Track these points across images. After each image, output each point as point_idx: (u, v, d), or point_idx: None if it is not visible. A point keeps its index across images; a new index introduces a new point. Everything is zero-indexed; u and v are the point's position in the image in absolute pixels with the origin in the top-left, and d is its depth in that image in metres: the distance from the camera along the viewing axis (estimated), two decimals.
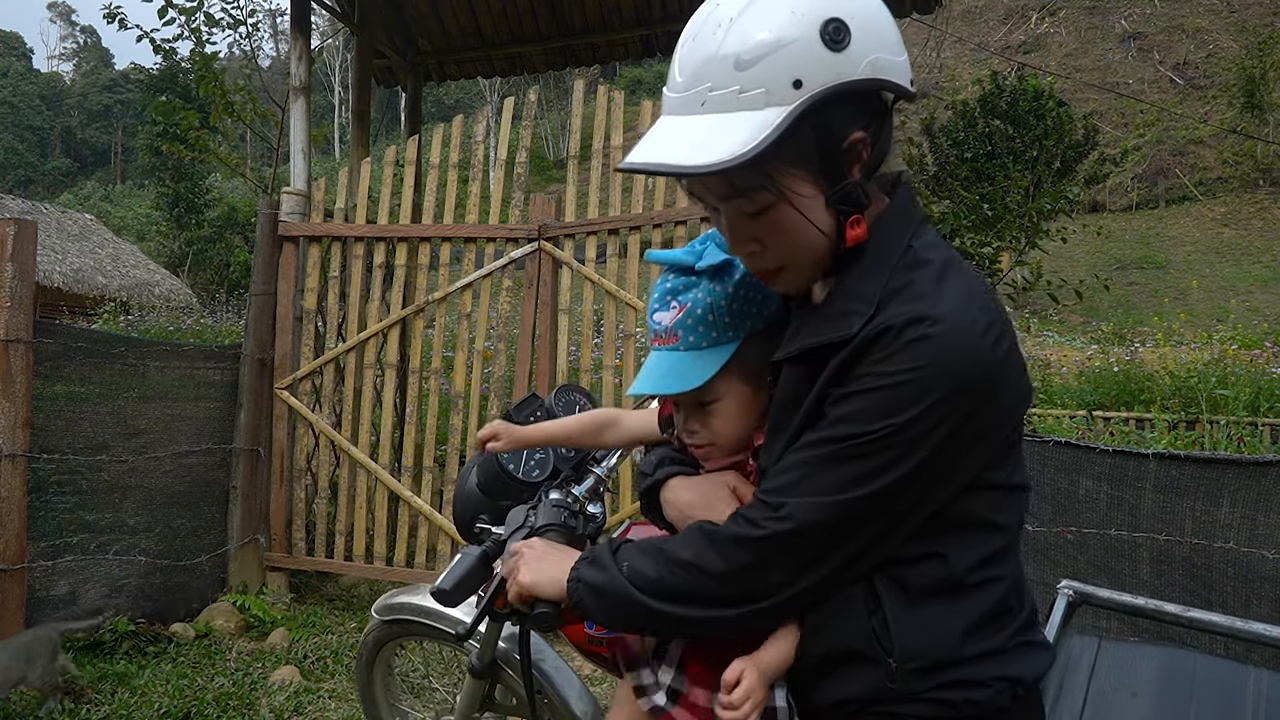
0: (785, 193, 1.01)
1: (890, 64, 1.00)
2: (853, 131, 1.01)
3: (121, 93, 68.10)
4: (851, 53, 0.97)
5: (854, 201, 1.03)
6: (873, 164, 1.05)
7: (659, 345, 1.17)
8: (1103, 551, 2.86)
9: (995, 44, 38.32)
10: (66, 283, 18.08)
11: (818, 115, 0.98)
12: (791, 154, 0.99)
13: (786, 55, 0.96)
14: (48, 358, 3.58)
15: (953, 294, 1.00)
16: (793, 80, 0.96)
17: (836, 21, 0.96)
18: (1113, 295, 18.97)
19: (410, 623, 1.93)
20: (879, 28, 1.00)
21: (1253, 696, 1.17)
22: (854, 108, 1.00)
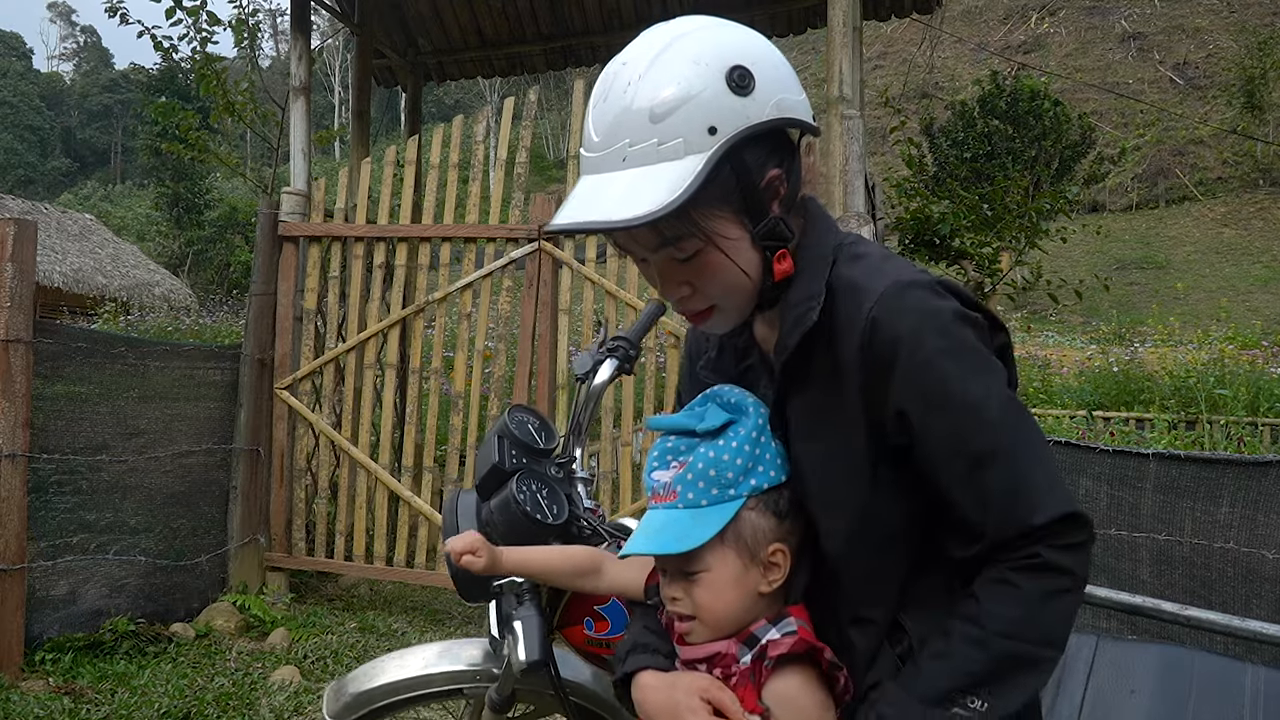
0: (713, 237, 1.04)
1: (793, 103, 1.06)
2: (769, 170, 1.06)
3: (121, 93, 68.08)
4: (758, 96, 1.02)
5: (778, 236, 1.08)
6: (790, 198, 1.09)
7: (657, 503, 1.12)
8: (1103, 551, 2.86)
9: (995, 44, 38.32)
10: (66, 283, 18.08)
11: (735, 158, 1.02)
12: (715, 197, 1.03)
13: (698, 105, 1.00)
14: (48, 358, 3.58)
15: (909, 266, 1.07)
16: (708, 127, 1.00)
17: (741, 69, 1.01)
18: (1113, 295, 18.97)
19: (386, 707, 1.73)
20: (778, 71, 1.06)
21: (1250, 693, 1.17)
22: (767, 148, 1.05)
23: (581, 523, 1.49)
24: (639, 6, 6.02)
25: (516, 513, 1.39)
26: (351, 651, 3.87)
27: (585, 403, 1.62)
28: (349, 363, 4.54)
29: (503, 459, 1.46)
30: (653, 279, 1.12)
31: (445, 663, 1.65)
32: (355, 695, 1.70)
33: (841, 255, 1.10)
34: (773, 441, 1.11)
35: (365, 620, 4.28)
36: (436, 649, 1.68)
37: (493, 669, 1.62)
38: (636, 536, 1.11)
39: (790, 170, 1.08)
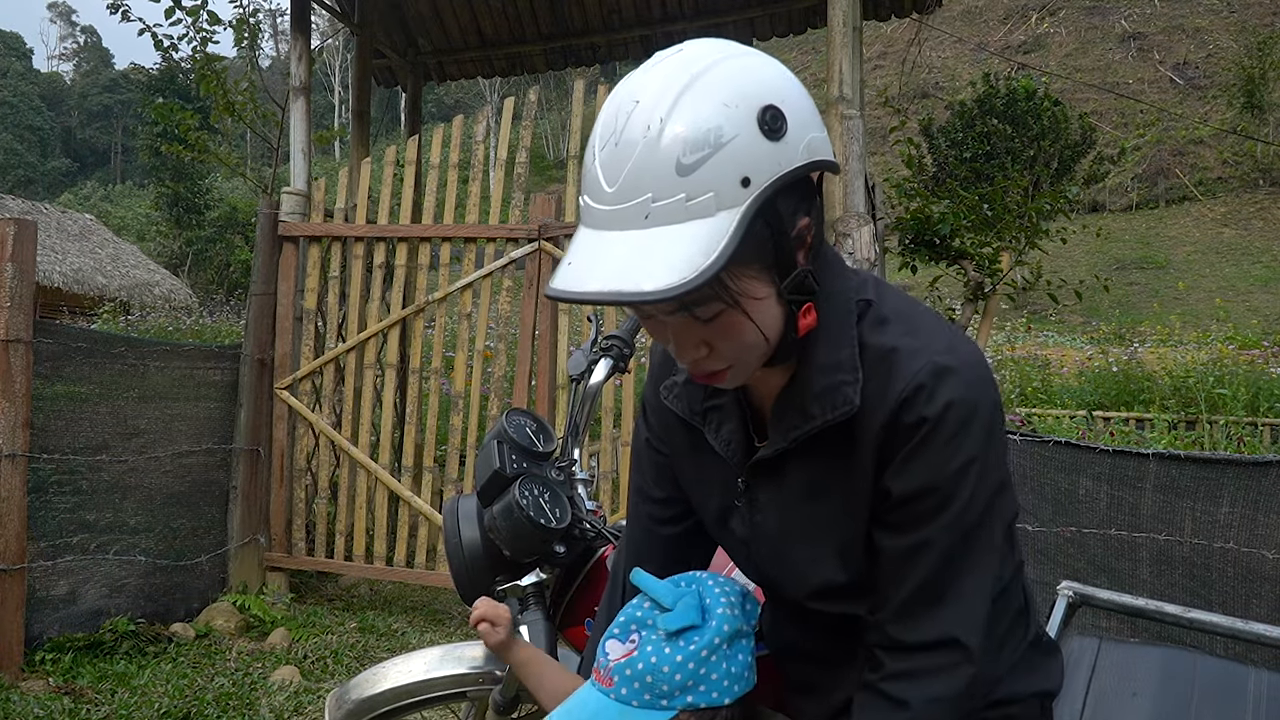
0: (739, 299, 0.94)
1: (821, 142, 0.96)
2: (800, 219, 0.96)
3: (121, 93, 68.08)
4: (790, 139, 0.91)
5: (806, 290, 0.98)
6: (816, 246, 1.00)
7: (595, 680, 1.10)
8: (1103, 551, 2.86)
9: (995, 44, 38.32)
10: (66, 283, 18.08)
11: (769, 211, 0.92)
12: (745, 255, 0.91)
13: (730, 154, 0.88)
14: (48, 358, 3.58)
15: (941, 332, 1.02)
16: (741, 179, 0.89)
17: (773, 109, 0.90)
18: (1112, 295, 18.98)
19: (390, 712, 1.74)
20: (806, 107, 0.95)
21: (1253, 697, 1.17)
22: (798, 195, 0.95)
23: (584, 525, 1.49)
24: (639, 6, 6.02)
25: (520, 518, 1.39)
26: (351, 651, 3.87)
27: (582, 403, 1.62)
28: (349, 363, 4.54)
29: (503, 464, 1.46)
30: (664, 338, 1.00)
31: (448, 666, 1.65)
32: (358, 701, 1.70)
33: (867, 315, 1.03)
34: (728, 659, 1.07)
35: (365, 620, 4.28)
36: (439, 652, 1.68)
37: (495, 670, 1.62)
38: (559, 713, 1.09)
39: (818, 216, 1.00)
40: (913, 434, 0.97)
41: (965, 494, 0.97)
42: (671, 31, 6.06)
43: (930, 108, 23.19)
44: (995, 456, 1.00)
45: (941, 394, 0.96)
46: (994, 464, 1.00)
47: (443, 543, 1.57)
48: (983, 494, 0.98)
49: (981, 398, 0.98)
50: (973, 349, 1.02)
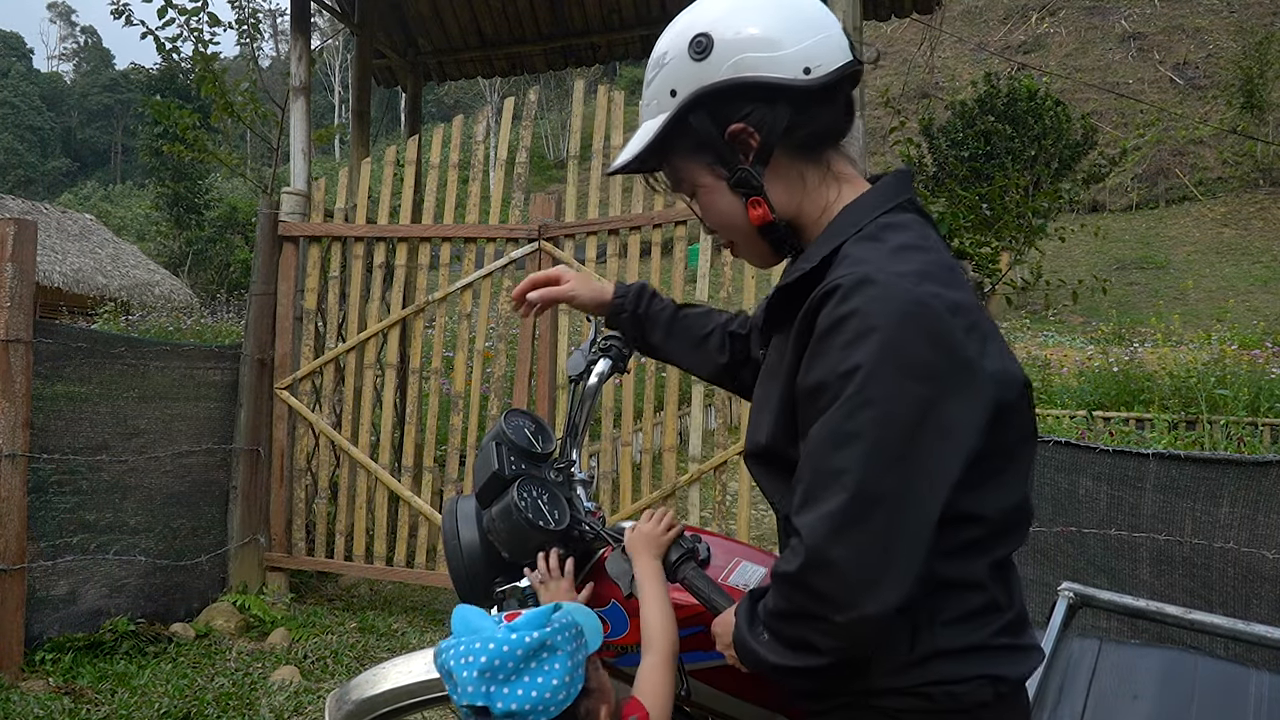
0: (693, 185, 1.21)
1: (758, 60, 1.11)
2: (731, 124, 1.14)
3: (121, 93, 68.08)
4: (713, 60, 1.12)
5: (747, 185, 1.17)
6: (764, 151, 1.14)
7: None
8: (1103, 551, 2.86)
9: (995, 44, 38.32)
10: (66, 283, 18.08)
11: (694, 115, 1.15)
12: (688, 149, 1.18)
13: (666, 71, 1.17)
14: (48, 358, 3.58)
15: (905, 264, 1.03)
16: (669, 90, 1.16)
17: (701, 36, 1.13)
18: (1112, 295, 18.98)
19: (390, 713, 1.73)
20: (746, 32, 1.12)
21: (1254, 698, 1.17)
22: (733, 103, 1.13)
23: (583, 526, 1.49)
24: (639, 6, 6.02)
25: (519, 520, 1.39)
26: (351, 651, 3.87)
27: (580, 404, 1.62)
28: (349, 363, 4.54)
29: (502, 466, 1.45)
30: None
31: None
32: (358, 702, 1.70)
33: (865, 231, 1.11)
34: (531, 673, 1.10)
35: (365, 620, 4.28)
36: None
37: None
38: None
39: (762, 124, 1.13)
40: (819, 329, 1.02)
41: (847, 403, 0.97)
42: None
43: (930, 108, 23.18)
44: (899, 387, 0.96)
45: (851, 300, 0.99)
46: (891, 392, 0.96)
47: (441, 543, 1.57)
48: (868, 413, 0.96)
49: (891, 317, 0.97)
50: (915, 278, 1.00)
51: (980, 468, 1.03)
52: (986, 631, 1.09)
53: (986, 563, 1.09)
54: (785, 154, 1.16)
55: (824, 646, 1.02)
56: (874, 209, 1.13)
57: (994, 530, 1.09)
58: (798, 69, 1.10)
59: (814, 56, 1.11)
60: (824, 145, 1.18)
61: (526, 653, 1.08)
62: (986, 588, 1.10)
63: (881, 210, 1.13)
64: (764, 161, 1.15)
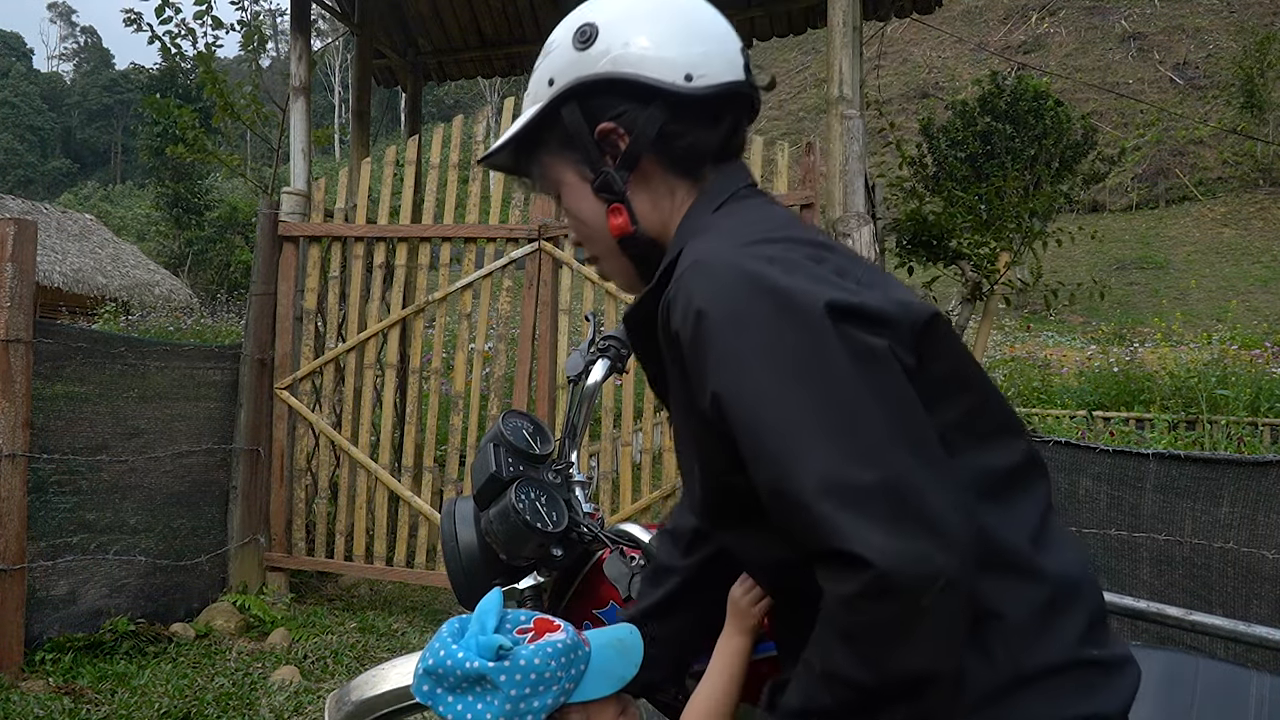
0: (555, 181, 1.13)
1: (639, 58, 1.03)
2: (601, 122, 1.06)
3: (121, 93, 68.08)
4: (593, 52, 1.05)
5: (610, 189, 1.08)
6: (631, 154, 1.06)
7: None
8: (1103, 551, 2.86)
9: (995, 44, 38.31)
10: (66, 283, 18.08)
11: (567, 108, 1.07)
12: (557, 144, 1.10)
13: (549, 60, 1.10)
14: (48, 358, 3.58)
15: (732, 236, 0.96)
16: (548, 80, 1.09)
17: (587, 26, 1.06)
18: (1112, 295, 18.98)
19: (390, 714, 1.70)
20: (632, 28, 1.05)
21: (1255, 700, 1.16)
22: (606, 100, 1.06)
23: (581, 528, 1.49)
24: None
25: (516, 522, 1.39)
26: (351, 651, 3.87)
27: (579, 404, 1.62)
28: (349, 363, 4.54)
29: (500, 468, 1.45)
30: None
31: None
32: (358, 703, 1.70)
33: (700, 228, 1.03)
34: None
35: (365, 620, 4.28)
36: None
37: None
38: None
39: (633, 125, 1.05)
40: (680, 340, 0.92)
41: (748, 389, 0.85)
42: None
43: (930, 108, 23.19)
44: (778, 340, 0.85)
45: (692, 295, 0.90)
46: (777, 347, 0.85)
47: (440, 544, 1.56)
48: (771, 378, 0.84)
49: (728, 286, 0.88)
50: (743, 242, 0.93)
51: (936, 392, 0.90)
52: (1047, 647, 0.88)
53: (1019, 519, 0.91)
54: (658, 165, 1.08)
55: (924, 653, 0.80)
56: (706, 209, 1.06)
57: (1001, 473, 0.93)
58: (679, 74, 1.04)
59: (699, 65, 1.04)
60: (703, 163, 1.09)
61: (464, 676, 1.02)
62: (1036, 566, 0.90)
63: (714, 207, 1.06)
64: (630, 167, 1.07)
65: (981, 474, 0.92)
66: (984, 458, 0.93)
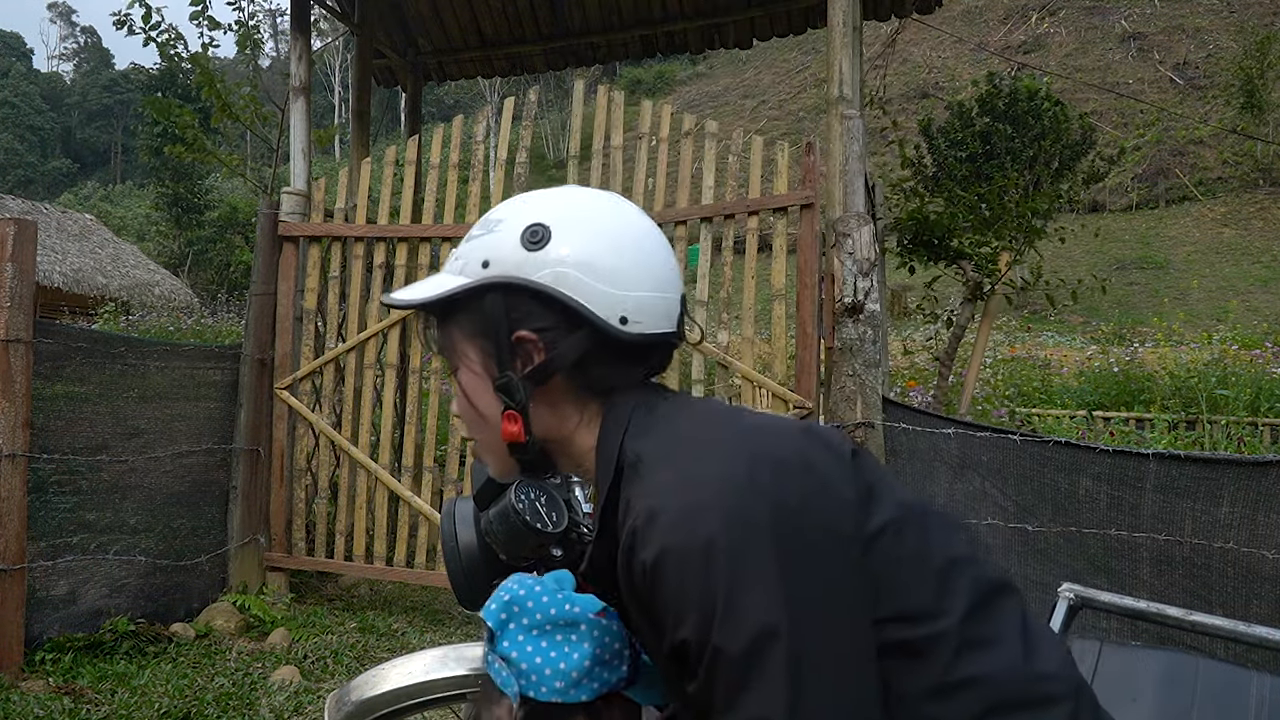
0: (457, 355, 1.09)
1: (584, 287, 1.02)
2: (524, 328, 1.04)
3: (121, 93, 68.10)
4: (540, 257, 1.02)
5: (510, 395, 1.06)
6: (543, 372, 1.04)
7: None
8: (1103, 552, 2.86)
9: (995, 44, 38.31)
10: (66, 283, 18.08)
11: (492, 297, 1.04)
12: (471, 325, 1.07)
13: (490, 239, 1.06)
14: (48, 358, 3.58)
15: (678, 468, 0.94)
16: (483, 260, 1.05)
17: (540, 228, 1.03)
18: (1112, 295, 18.98)
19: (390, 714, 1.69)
20: (585, 250, 1.02)
21: (1255, 701, 1.16)
22: (535, 308, 1.03)
23: (581, 529, 1.48)
24: (639, 6, 6.02)
25: (516, 522, 1.38)
26: (351, 651, 3.87)
27: None
28: (349, 363, 4.54)
29: None
30: None
31: (448, 667, 1.64)
32: (358, 703, 1.69)
33: (626, 462, 1.00)
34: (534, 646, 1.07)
35: (365, 620, 4.28)
36: (439, 653, 1.67)
37: None
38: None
39: (555, 345, 1.03)
40: (644, 587, 0.90)
41: (711, 655, 0.84)
42: (672, 31, 6.06)
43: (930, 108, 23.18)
44: (751, 601, 0.84)
45: (653, 542, 0.88)
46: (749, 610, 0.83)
47: (440, 544, 1.56)
48: (737, 653, 0.83)
49: (698, 531, 0.86)
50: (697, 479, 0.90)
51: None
52: None
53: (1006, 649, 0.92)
54: (570, 384, 1.06)
55: None
56: (615, 437, 1.03)
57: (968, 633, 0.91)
58: (615, 314, 1.02)
59: (636, 312, 1.03)
60: (619, 390, 1.07)
61: (555, 619, 1.03)
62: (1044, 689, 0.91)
63: (622, 432, 1.03)
64: (540, 382, 1.05)
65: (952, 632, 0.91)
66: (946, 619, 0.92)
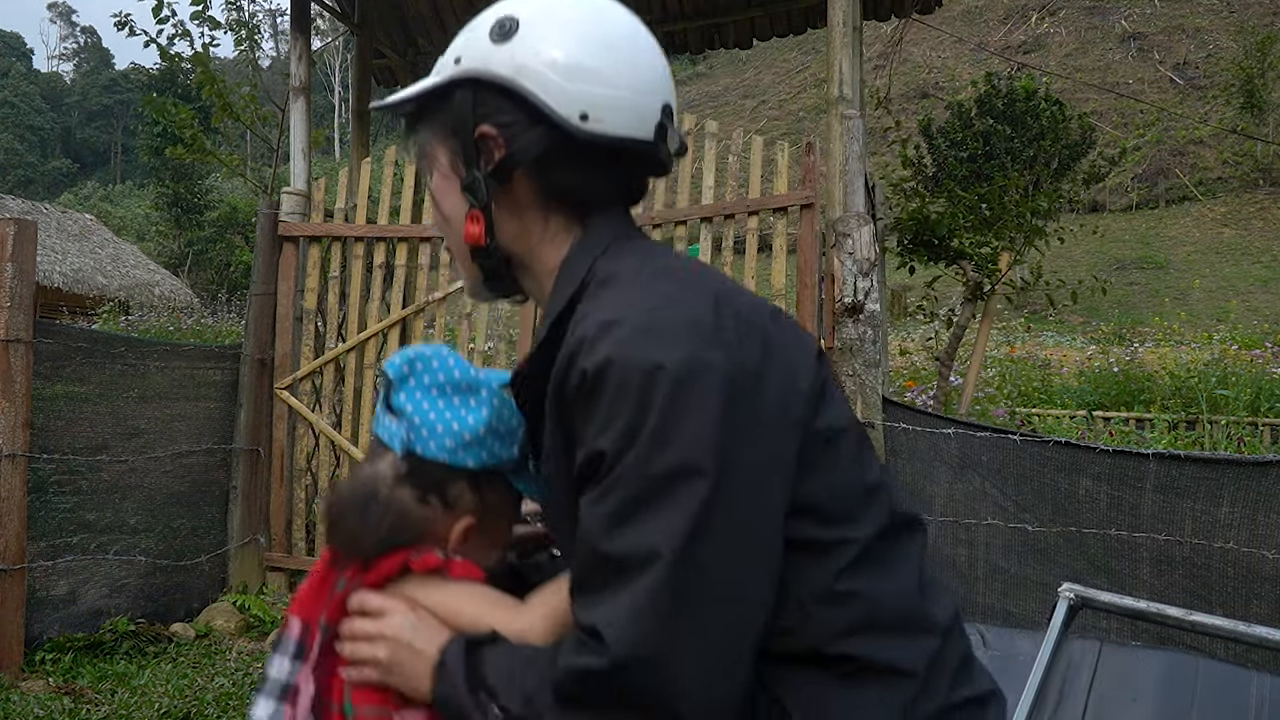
0: (424, 157, 1.08)
1: (543, 80, 0.98)
2: (487, 124, 1.01)
3: (121, 93, 68.10)
4: (507, 50, 1.00)
5: (474, 193, 1.03)
6: (505, 168, 1.01)
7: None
8: (1103, 552, 2.86)
9: (995, 44, 38.31)
10: (66, 283, 18.07)
11: (461, 93, 1.02)
12: (442, 125, 1.05)
13: (466, 37, 1.06)
14: (48, 358, 3.58)
15: (645, 291, 0.92)
16: (455, 57, 1.05)
17: (509, 20, 1.01)
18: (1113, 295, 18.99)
19: None
20: (549, 43, 0.99)
21: (1255, 700, 1.16)
22: (500, 104, 1.00)
23: None
24: (639, 6, 5.99)
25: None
26: None
27: None
28: (349, 363, 4.54)
29: None
30: None
31: None
32: None
33: (593, 279, 0.99)
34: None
35: None
36: None
37: None
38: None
39: (514, 140, 1.00)
40: (575, 395, 0.88)
41: (626, 467, 0.83)
42: (672, 31, 6.06)
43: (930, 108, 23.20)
44: (684, 432, 0.82)
45: (600, 349, 0.86)
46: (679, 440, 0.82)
47: None
48: (652, 474, 0.82)
49: (651, 355, 0.84)
50: (662, 304, 0.89)
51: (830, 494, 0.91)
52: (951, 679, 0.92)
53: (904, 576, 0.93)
54: (534, 190, 1.03)
55: None
56: (589, 256, 1.01)
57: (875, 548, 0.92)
58: (575, 110, 0.97)
59: (599, 109, 0.98)
60: (586, 206, 1.04)
61: (459, 380, 1.04)
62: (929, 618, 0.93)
63: (597, 254, 1.01)
64: (502, 181, 1.02)
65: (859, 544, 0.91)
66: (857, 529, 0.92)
